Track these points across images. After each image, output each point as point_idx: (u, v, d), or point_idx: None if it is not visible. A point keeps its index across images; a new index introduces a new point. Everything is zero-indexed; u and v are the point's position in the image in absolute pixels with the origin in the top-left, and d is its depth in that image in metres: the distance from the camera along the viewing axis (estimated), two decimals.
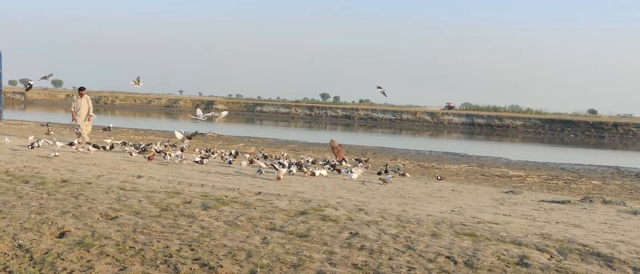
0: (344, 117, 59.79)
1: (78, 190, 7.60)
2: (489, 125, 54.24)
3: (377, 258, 5.06)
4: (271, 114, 62.65)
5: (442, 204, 8.60)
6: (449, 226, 6.63)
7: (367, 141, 29.00)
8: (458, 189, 10.84)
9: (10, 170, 9.09)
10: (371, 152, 20.90)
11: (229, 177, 10.15)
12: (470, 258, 5.22)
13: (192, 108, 65.88)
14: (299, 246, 5.30)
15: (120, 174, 9.41)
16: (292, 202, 7.65)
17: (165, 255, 4.82)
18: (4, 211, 6.19)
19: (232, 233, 5.72)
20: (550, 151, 32.72)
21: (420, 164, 16.82)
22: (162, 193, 7.75)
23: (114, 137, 18.88)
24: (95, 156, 12.27)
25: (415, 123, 56.51)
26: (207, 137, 23.67)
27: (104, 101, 70.16)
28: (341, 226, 6.25)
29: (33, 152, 11.98)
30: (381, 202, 8.18)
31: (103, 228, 5.61)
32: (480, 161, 20.21)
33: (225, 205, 7.10)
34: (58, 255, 4.68)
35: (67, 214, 6.16)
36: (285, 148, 20.19)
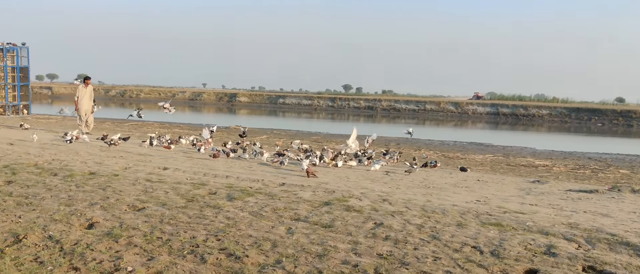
0: (367, 108, 59.58)
1: (105, 182, 7.73)
2: (514, 114, 53.55)
3: (402, 247, 5.05)
4: (294, 106, 62.70)
5: (468, 194, 8.54)
6: (474, 216, 6.59)
7: (390, 132, 28.87)
8: (483, 179, 10.74)
9: (39, 163, 9.27)
10: (394, 143, 20.81)
11: (253, 168, 10.21)
12: (496, 247, 5.18)
13: (215, 101, 66.41)
14: (324, 236, 5.31)
15: (147, 166, 9.53)
16: (316, 193, 7.67)
17: (192, 245, 4.88)
18: (34, 203, 6.32)
19: (257, 223, 5.76)
20: (576, 140, 32.21)
21: (445, 155, 16.70)
22: (188, 184, 7.83)
23: (139, 131, 19.11)
24: (121, 148, 12.44)
25: (439, 113, 56.07)
26: (231, 130, 23.83)
27: (129, 95, 71.01)
28: (365, 216, 6.25)
29: (61, 146, 12.18)
30: (405, 193, 8.15)
31: (131, 219, 5.70)
32: (506, 150, 19.99)
33: (250, 196, 7.15)
34: (87, 246, 4.77)
35: (96, 205, 6.27)
36: (309, 139, 20.22)
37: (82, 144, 12.76)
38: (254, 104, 64.86)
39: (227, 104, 64.36)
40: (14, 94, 18.12)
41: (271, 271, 4.27)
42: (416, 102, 60.30)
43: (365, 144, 13.96)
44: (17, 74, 18.03)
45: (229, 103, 65.20)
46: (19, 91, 18.15)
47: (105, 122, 24.74)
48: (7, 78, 17.90)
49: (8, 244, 4.77)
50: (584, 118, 50.84)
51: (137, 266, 4.31)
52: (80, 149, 11.70)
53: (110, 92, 72.46)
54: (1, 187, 7.12)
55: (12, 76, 18.02)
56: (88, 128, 16.41)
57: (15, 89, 18.10)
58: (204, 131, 13.39)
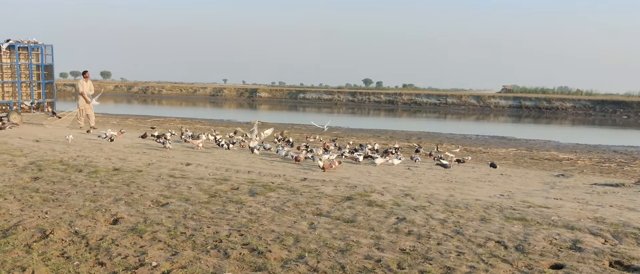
0: (387, 103, 59.30)
1: (129, 178, 7.81)
2: (537, 107, 52.83)
3: (425, 243, 5.02)
4: (314, 100, 62.63)
5: (491, 188, 8.46)
6: (498, 210, 6.53)
7: (411, 126, 28.74)
8: (506, 173, 10.63)
9: (64, 159, 9.40)
10: (415, 137, 20.71)
11: (274, 163, 10.24)
12: (521, 242, 5.13)
13: (236, 96, 66.68)
14: (346, 231, 5.31)
15: (170, 162, 9.62)
16: (338, 188, 7.66)
17: (215, 240, 4.92)
18: (60, 199, 6.42)
19: (280, 218, 5.78)
20: (601, 133, 31.70)
21: (467, 149, 16.55)
22: (211, 180, 7.88)
23: (160, 127, 19.30)
24: (145, 144, 12.56)
25: (461, 107, 55.59)
26: (252, 125, 23.92)
27: (151, 91, 71.66)
28: (388, 211, 6.23)
29: (85, 142, 12.35)
30: (428, 188, 8.10)
31: (154, 215, 5.75)
32: (529, 144, 19.76)
33: (272, 191, 7.18)
34: (112, 241, 4.83)
35: (120, 201, 6.34)
36: (329, 134, 20.21)
37: (107, 142, 12.92)
38: (275, 99, 65.00)
39: (247, 100, 64.60)
40: (39, 91, 18.41)
41: (294, 266, 4.27)
42: (437, 96, 59.85)
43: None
44: (42, 71, 18.29)
45: (249, 98, 65.44)
46: (43, 88, 18.42)
47: (128, 119, 25.03)
48: (32, 76, 18.19)
49: (35, 240, 4.85)
50: (609, 110, 49.99)
51: (162, 261, 4.35)
52: (104, 145, 11.85)
53: (132, 89, 73.21)
54: (28, 184, 7.24)
55: (37, 73, 18.30)
56: (91, 122, 16.85)
57: (40, 87, 18.39)
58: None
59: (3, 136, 12.81)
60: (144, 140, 13.79)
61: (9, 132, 13.89)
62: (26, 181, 7.47)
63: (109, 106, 44.43)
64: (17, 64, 17.79)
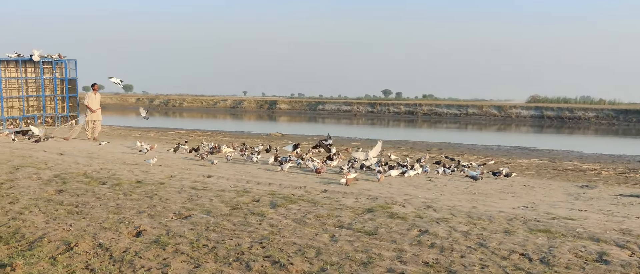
0: (407, 113, 59.05)
1: (152, 190, 7.88)
2: (559, 117, 52.15)
3: (449, 255, 4.97)
4: (333, 112, 62.62)
5: (514, 200, 8.36)
6: (522, 222, 6.45)
7: (432, 137, 28.57)
8: (529, 184, 10.50)
9: (88, 172, 9.52)
10: (436, 148, 20.57)
11: (295, 175, 10.24)
12: (545, 254, 5.05)
13: (256, 108, 67.02)
14: (368, 244, 5.28)
15: (191, 174, 9.68)
16: (359, 199, 7.64)
17: (237, 253, 4.93)
18: (84, 211, 6.49)
19: (301, 230, 5.77)
20: (626, 143, 31.18)
21: (489, 160, 16.39)
22: (232, 192, 7.91)
23: (183, 139, 19.45)
24: (167, 156, 12.67)
25: (482, 117, 55.12)
26: (272, 137, 24.00)
27: (173, 104, 72.36)
28: (410, 223, 6.19)
29: (108, 155, 12.50)
30: (450, 199, 8.04)
31: (177, 227, 5.79)
32: (552, 154, 19.51)
33: (292, 203, 7.18)
34: (136, 253, 4.87)
35: (143, 213, 6.40)
36: (349, 145, 20.19)
37: (129, 154, 13.06)
38: (294, 110, 65.17)
39: (267, 111, 64.86)
40: (63, 105, 18.73)
41: None
42: (458, 106, 59.49)
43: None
44: (66, 85, 18.63)
45: (269, 110, 65.69)
46: (67, 102, 18.74)
47: (149, 131, 25.28)
48: (57, 90, 18.51)
49: (60, 252, 4.91)
50: (633, 120, 49.16)
51: (184, 273, 4.38)
52: (127, 158, 11.98)
53: (154, 102, 74.01)
54: (52, 197, 7.34)
55: (61, 87, 18.63)
56: (94, 133, 17.11)
57: (64, 100, 18.72)
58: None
59: (28, 150, 13.03)
60: (177, 153, 13.87)
61: (33, 146, 14.11)
62: (51, 193, 7.57)
63: (130, 119, 44.98)
64: (41, 78, 18.13)
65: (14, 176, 8.91)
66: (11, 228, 5.72)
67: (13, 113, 17.74)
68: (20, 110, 17.91)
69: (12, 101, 17.68)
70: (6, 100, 17.42)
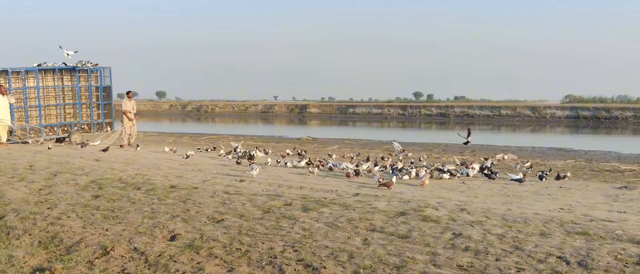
0: (439, 115, 58.51)
1: (186, 195, 7.97)
2: (596, 117, 50.96)
3: (483, 259, 4.90)
4: (364, 115, 62.44)
5: (550, 202, 8.20)
6: (558, 224, 6.31)
7: None
8: (566, 186, 10.28)
9: (123, 178, 9.68)
10: (469, 150, 20.32)
11: (326, 179, 10.24)
12: (584, 258, 4.94)
13: (286, 113, 67.31)
14: (401, 247, 5.24)
15: (224, 179, 9.76)
16: (391, 203, 7.59)
17: (270, 256, 4.94)
18: (119, 216, 6.60)
19: (333, 234, 5.76)
20: None
21: (523, 161, 16.09)
22: (264, 196, 7.95)
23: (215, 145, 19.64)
24: (200, 161, 12.81)
25: (515, 118, 54.25)
26: (303, 141, 24.06)
27: (205, 110, 73.17)
28: (443, 226, 6.12)
29: (143, 161, 12.70)
30: (484, 202, 7.92)
31: (210, 231, 5.84)
32: (588, 155, 19.08)
33: (324, 207, 7.17)
34: (170, 257, 4.93)
35: (177, 218, 6.47)
36: (380, 149, 20.11)
37: (163, 160, 13.26)
38: (324, 114, 65.22)
39: (298, 116, 65.06)
40: (98, 112, 19.13)
41: None
42: (490, 108, 58.72)
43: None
44: (101, 93, 19.02)
45: (299, 114, 65.89)
46: (103, 109, 19.15)
47: (183, 137, 25.62)
48: (92, 97, 18.92)
49: (97, 256, 5.00)
50: None
51: None
52: (161, 163, 12.15)
53: (186, 108, 74.97)
54: (89, 202, 7.49)
55: (96, 95, 19.03)
56: (131, 139, 17.38)
57: (99, 108, 19.11)
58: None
59: (65, 156, 13.32)
60: (218, 159, 14.04)
61: (70, 152, 14.43)
62: (87, 199, 7.72)
63: (164, 125, 45.66)
64: (77, 86, 18.55)
65: (52, 182, 9.12)
66: (50, 232, 5.86)
67: (50, 121, 18.17)
68: (57, 117, 18.33)
69: (49, 108, 18.11)
70: (44, 108, 17.85)
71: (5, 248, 5.35)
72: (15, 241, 5.58)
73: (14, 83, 17.02)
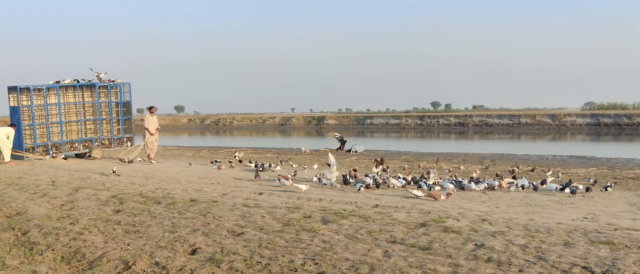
0: (457, 125, 58.17)
1: (206, 208, 8.00)
2: (617, 124, 50.24)
3: (506, 270, 4.84)
4: (381, 126, 62.31)
5: (573, 211, 8.08)
6: (582, 234, 6.22)
7: (484, 148, 28.01)
8: (588, 194, 10.14)
9: (144, 192, 9.76)
10: (489, 159, 20.13)
11: (345, 191, 10.21)
12: (609, 267, 4.86)
13: (304, 124, 67.44)
14: (422, 259, 5.20)
15: (243, 192, 9.79)
16: (411, 214, 7.53)
17: (290, 269, 4.93)
18: (140, 230, 6.64)
19: (353, 246, 5.73)
20: None
21: (544, 170, 15.91)
22: (283, 209, 7.95)
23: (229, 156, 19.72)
24: (219, 175, 12.86)
25: (535, 126, 53.72)
26: (321, 153, 24.03)
27: (223, 123, 73.59)
28: (465, 237, 6.06)
29: (163, 175, 12.79)
30: (506, 212, 7.83)
31: (231, 244, 5.85)
32: (611, 163, 18.79)
33: (344, 219, 7.14)
34: (191, 271, 4.94)
35: (197, 231, 6.50)
36: (398, 159, 20.03)
37: (183, 173, 13.34)
38: (342, 125, 65.17)
39: (315, 127, 65.12)
40: (119, 127, 19.35)
41: None
42: (510, 116, 58.24)
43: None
44: (121, 108, 19.26)
45: (317, 126, 65.94)
46: (123, 124, 19.37)
47: (202, 150, 25.76)
48: (112, 113, 19.15)
49: (119, 271, 5.03)
50: None
51: None
52: (181, 177, 12.22)
53: (205, 122, 75.49)
54: (111, 217, 7.55)
55: (116, 110, 19.26)
56: (152, 153, 17.66)
57: (119, 123, 19.34)
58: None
59: (86, 171, 13.47)
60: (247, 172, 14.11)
61: (92, 167, 14.59)
62: (109, 213, 7.79)
63: (183, 139, 45.99)
64: (97, 102, 18.80)
65: (74, 198, 9.22)
66: (72, 247, 5.91)
67: (71, 136, 18.41)
68: (78, 133, 18.57)
69: (70, 124, 18.36)
70: (65, 124, 18.10)
71: (29, 263, 5.40)
72: (39, 256, 5.64)
73: (36, 100, 17.31)
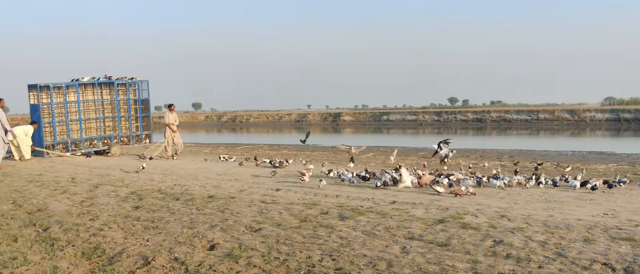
0: (475, 121, 57.82)
1: (223, 204, 8.05)
2: (637, 119, 49.51)
3: (526, 266, 4.80)
4: (398, 122, 62.11)
5: (593, 207, 7.99)
6: (602, 230, 6.15)
7: (502, 144, 27.81)
8: (609, 190, 10.02)
9: (162, 188, 9.84)
10: (507, 155, 19.99)
11: (362, 187, 10.20)
12: (630, 264, 4.80)
13: (320, 121, 67.48)
14: (441, 255, 5.18)
15: (260, 188, 9.83)
16: (429, 210, 7.51)
17: (308, 265, 4.94)
18: (160, 226, 6.70)
19: (371, 242, 5.73)
20: None
21: (561, 165, 15.75)
22: (300, 205, 7.96)
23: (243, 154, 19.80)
24: (236, 171, 12.93)
25: (554, 122, 53.23)
26: (337, 149, 24.03)
27: (240, 120, 73.91)
28: (483, 233, 6.02)
29: (181, 171, 12.88)
30: (524, 208, 7.77)
31: (249, 240, 5.88)
32: (631, 159, 18.54)
33: (361, 215, 7.14)
34: (210, 267, 4.97)
35: (216, 227, 6.54)
36: (415, 155, 19.96)
37: (201, 170, 13.43)
38: (358, 122, 65.13)
39: (331, 124, 65.15)
40: (137, 124, 19.52)
41: None
42: (528, 112, 57.75)
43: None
44: (139, 106, 19.43)
45: (333, 123, 65.95)
46: (141, 121, 19.54)
47: (219, 147, 25.91)
48: (131, 110, 19.33)
49: (138, 267, 5.08)
50: None
51: None
52: (199, 174, 12.31)
53: (222, 118, 75.87)
54: (130, 213, 7.63)
55: (135, 108, 19.43)
56: (177, 150, 18.13)
57: (137, 120, 19.50)
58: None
59: (106, 168, 13.62)
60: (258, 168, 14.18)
61: (111, 164, 14.75)
62: (128, 210, 7.87)
63: (200, 136, 46.28)
64: (116, 99, 18.98)
65: (93, 194, 9.33)
66: (92, 243, 5.99)
67: (90, 134, 18.61)
68: (98, 131, 18.77)
69: (89, 122, 18.57)
70: (84, 121, 18.31)
71: (50, 259, 5.48)
72: (60, 252, 5.71)
73: (55, 98, 17.53)
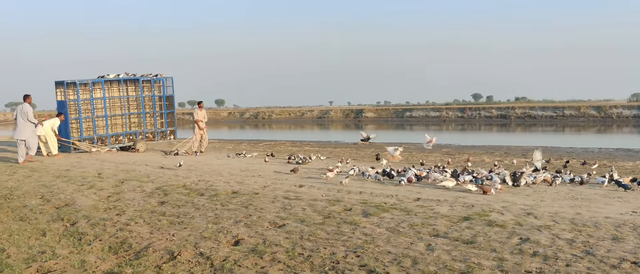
0: (499, 117, 57.13)
1: (247, 200, 8.09)
2: None
3: (553, 264, 4.74)
4: (421, 118, 61.70)
5: (621, 205, 7.85)
6: (631, 228, 6.04)
7: (527, 141, 27.46)
8: (637, 188, 9.82)
9: (187, 184, 9.93)
10: (532, 152, 19.71)
11: (385, 183, 10.17)
12: None
13: (342, 117, 67.35)
14: (466, 253, 5.13)
15: (283, 184, 9.85)
16: (454, 207, 7.45)
17: (332, 261, 4.94)
18: (185, 221, 6.77)
19: (395, 239, 5.70)
20: None
21: (588, 162, 15.50)
22: (324, 201, 7.97)
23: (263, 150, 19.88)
24: (259, 168, 12.98)
25: (580, 119, 52.36)
26: (359, 146, 23.98)
27: (262, 116, 74.13)
28: (509, 231, 5.96)
29: (205, 167, 12.98)
30: (551, 206, 7.66)
31: (273, 236, 5.90)
32: None
33: (385, 212, 7.12)
34: (235, 262, 5.00)
35: (240, 223, 6.58)
36: (439, 152, 19.81)
37: (224, 166, 13.51)
38: (381, 118, 64.87)
39: (353, 120, 64.97)
40: (162, 121, 19.72)
41: None
42: (553, 108, 56.90)
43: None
44: (164, 102, 19.63)
45: (355, 119, 65.77)
46: (166, 118, 19.75)
47: (242, 143, 26.03)
48: (155, 106, 19.53)
49: (165, 261, 5.13)
50: None
51: None
52: (222, 170, 12.39)
53: (245, 115, 76.20)
54: (155, 208, 7.71)
55: (159, 104, 19.64)
56: (201, 147, 18.32)
57: (162, 117, 19.70)
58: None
59: (131, 164, 13.78)
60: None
61: (136, 160, 14.92)
62: (154, 205, 7.96)
63: (223, 132, 46.57)
64: (141, 96, 19.20)
65: (119, 189, 9.45)
66: (119, 238, 6.07)
67: (116, 130, 18.85)
68: (123, 127, 19.01)
69: (115, 118, 18.81)
70: (110, 118, 18.55)
71: (78, 253, 5.57)
72: (87, 246, 5.80)
73: (82, 94, 17.78)
